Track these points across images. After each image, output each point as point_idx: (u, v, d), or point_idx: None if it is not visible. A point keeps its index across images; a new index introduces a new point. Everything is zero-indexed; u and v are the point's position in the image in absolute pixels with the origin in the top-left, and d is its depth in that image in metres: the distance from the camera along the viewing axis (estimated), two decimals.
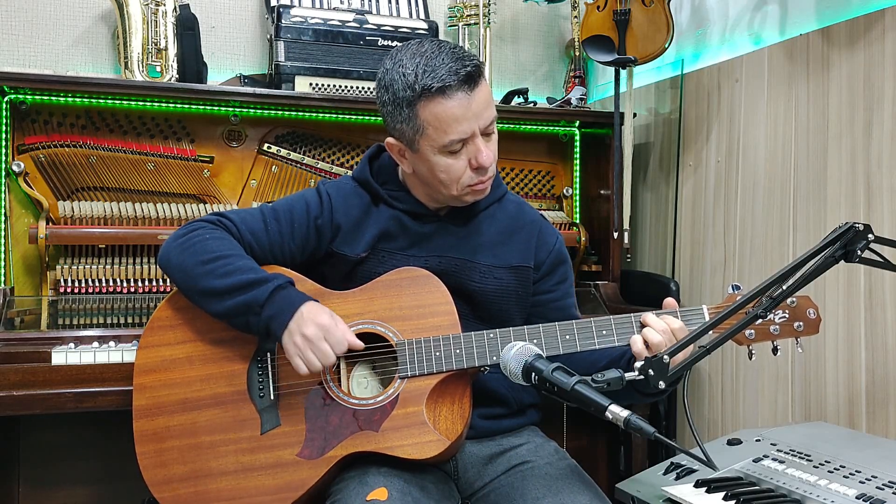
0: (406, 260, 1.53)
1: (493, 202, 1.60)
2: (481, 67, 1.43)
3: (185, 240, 1.48)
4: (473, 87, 1.39)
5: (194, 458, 1.44)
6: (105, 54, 2.48)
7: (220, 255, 1.44)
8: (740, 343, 1.40)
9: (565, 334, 1.41)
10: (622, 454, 2.37)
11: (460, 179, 1.45)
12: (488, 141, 1.45)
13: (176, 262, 1.46)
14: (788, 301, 1.41)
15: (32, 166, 2.08)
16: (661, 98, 2.67)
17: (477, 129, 1.41)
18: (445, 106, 1.38)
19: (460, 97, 1.38)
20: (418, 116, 1.40)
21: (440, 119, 1.39)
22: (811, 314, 1.41)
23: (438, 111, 1.38)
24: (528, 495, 1.40)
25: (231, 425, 1.45)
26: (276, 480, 1.41)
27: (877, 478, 1.40)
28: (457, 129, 1.39)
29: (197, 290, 1.44)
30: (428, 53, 1.40)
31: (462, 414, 1.41)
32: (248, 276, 1.41)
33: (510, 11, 2.94)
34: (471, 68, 1.39)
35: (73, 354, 1.71)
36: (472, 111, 1.39)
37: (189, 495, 1.43)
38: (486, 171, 1.45)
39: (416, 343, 1.43)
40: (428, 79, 1.37)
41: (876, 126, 1.86)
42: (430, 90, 1.37)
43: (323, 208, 1.55)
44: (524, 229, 1.61)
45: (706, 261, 2.43)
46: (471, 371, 1.44)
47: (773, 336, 1.41)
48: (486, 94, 1.42)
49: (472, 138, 1.41)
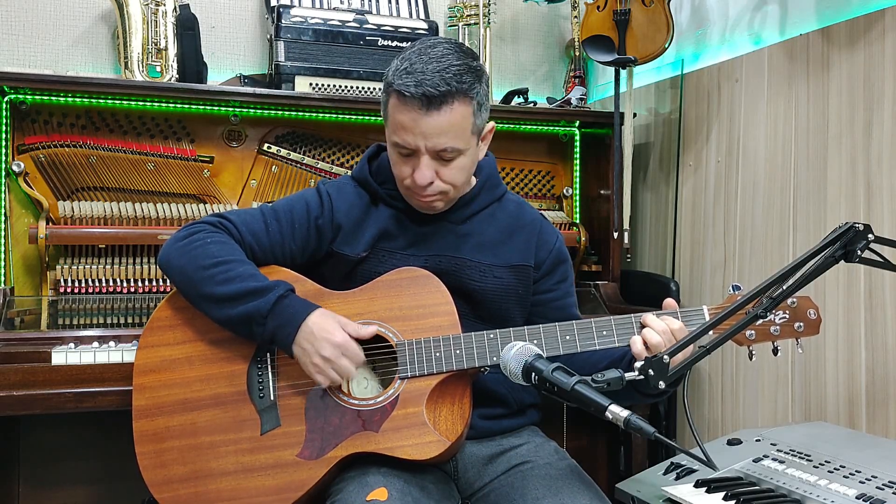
0: (406, 259, 1.53)
1: (493, 202, 1.60)
2: (453, 95, 1.39)
3: (185, 242, 1.47)
4: (430, 109, 1.38)
5: (194, 459, 1.44)
6: (105, 54, 2.48)
7: (221, 260, 1.44)
8: (741, 344, 1.40)
9: (565, 335, 1.41)
10: (622, 454, 2.37)
11: (404, 180, 1.47)
12: (442, 165, 1.44)
13: (176, 264, 1.46)
14: (789, 301, 1.41)
15: (32, 166, 2.08)
16: (661, 98, 2.67)
17: (422, 147, 1.41)
18: (398, 109, 1.41)
19: (413, 110, 1.39)
20: (386, 106, 1.46)
21: (392, 118, 1.43)
22: (811, 315, 1.41)
23: (392, 111, 1.43)
24: (528, 495, 1.40)
25: (231, 426, 1.44)
26: (275, 481, 1.41)
27: (877, 478, 1.40)
28: (401, 135, 1.42)
29: (197, 295, 1.44)
30: (420, 57, 1.41)
31: (462, 414, 1.41)
32: (250, 283, 1.41)
33: (510, 11, 2.94)
34: (437, 91, 1.37)
35: (73, 354, 1.71)
36: (421, 129, 1.40)
37: (189, 496, 1.43)
38: (424, 188, 1.44)
39: (416, 343, 1.43)
40: (398, 77, 1.40)
41: (876, 126, 1.86)
42: (392, 87, 1.41)
43: (323, 208, 1.55)
44: (524, 228, 1.61)
45: (706, 261, 2.43)
46: (471, 372, 1.44)
47: (774, 337, 1.41)
48: (447, 122, 1.39)
49: (416, 153, 1.42)
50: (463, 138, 1.43)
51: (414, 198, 1.49)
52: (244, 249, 1.50)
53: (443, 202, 1.50)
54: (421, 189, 1.45)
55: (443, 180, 1.45)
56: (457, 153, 1.44)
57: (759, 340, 1.40)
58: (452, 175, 1.46)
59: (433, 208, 1.51)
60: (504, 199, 1.63)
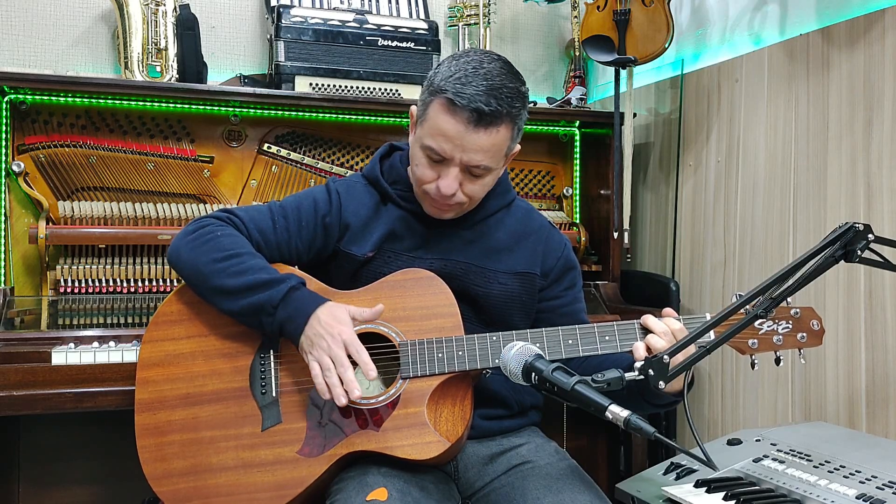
0: (412, 261, 1.53)
1: (502, 207, 1.61)
2: (502, 117, 1.40)
3: (195, 236, 1.48)
4: (478, 126, 1.38)
5: (195, 453, 1.44)
6: (105, 54, 2.48)
7: (233, 252, 1.44)
8: (743, 352, 1.40)
9: (568, 338, 1.41)
10: (622, 454, 2.37)
11: (424, 185, 1.47)
12: (469, 180, 1.45)
13: (187, 258, 1.47)
14: (792, 312, 1.41)
15: (32, 166, 2.08)
16: (661, 98, 2.67)
17: (457, 159, 1.41)
18: (443, 116, 1.40)
19: (460, 122, 1.39)
20: (428, 107, 1.44)
21: (433, 122, 1.42)
22: (815, 326, 1.41)
23: (436, 115, 1.41)
24: (529, 495, 1.40)
25: (232, 421, 1.45)
26: (275, 477, 1.41)
27: (877, 478, 1.40)
28: (439, 142, 1.41)
29: (208, 288, 1.45)
30: (476, 71, 1.40)
31: (463, 416, 1.41)
32: (261, 275, 1.41)
33: (510, 11, 2.94)
34: (488, 109, 1.37)
35: (73, 354, 1.71)
36: (463, 142, 1.40)
37: (188, 490, 1.43)
38: (446, 197, 1.45)
39: (418, 344, 1.43)
40: (451, 85, 1.39)
41: (876, 126, 1.86)
42: (444, 94, 1.40)
43: (332, 206, 1.56)
44: (531, 236, 1.61)
45: (706, 261, 2.43)
46: (473, 373, 1.44)
47: (777, 346, 1.41)
48: (489, 142, 1.40)
49: (449, 161, 1.42)
50: (497, 159, 1.45)
51: (429, 203, 1.50)
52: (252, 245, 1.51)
53: (455, 212, 1.51)
54: (442, 198, 1.46)
55: (464, 192, 1.46)
56: (486, 171, 1.45)
57: (761, 350, 1.40)
58: (475, 190, 1.47)
59: (444, 217, 1.52)
60: (513, 205, 1.63)
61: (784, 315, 1.41)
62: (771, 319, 1.41)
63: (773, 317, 1.41)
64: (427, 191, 1.47)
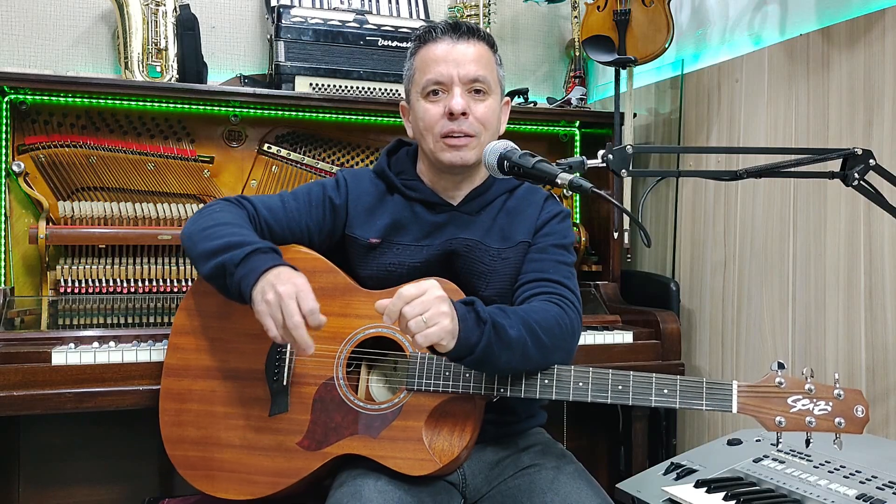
0: (419, 250, 1.54)
1: (505, 192, 1.62)
2: (477, 34, 1.54)
3: (198, 213, 1.54)
4: (460, 37, 1.51)
5: (207, 425, 1.49)
6: (105, 54, 2.48)
7: (222, 222, 1.47)
8: (769, 429, 1.28)
9: (618, 385, 1.34)
10: (622, 454, 2.37)
11: (435, 127, 1.51)
12: (473, 100, 1.51)
13: (186, 231, 1.51)
14: (835, 393, 1.26)
15: (32, 166, 2.08)
16: (661, 98, 2.67)
17: (455, 76, 1.49)
18: (430, 49, 1.52)
19: (445, 42, 1.51)
20: (413, 65, 1.56)
21: (424, 61, 1.53)
22: (859, 412, 1.25)
23: (424, 54, 1.53)
24: (535, 498, 1.40)
25: (244, 401, 1.48)
26: (274, 463, 1.44)
27: (877, 478, 1.40)
28: (435, 69, 1.50)
29: (194, 255, 1.47)
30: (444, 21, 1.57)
31: (462, 440, 1.39)
32: (232, 238, 1.41)
33: (510, 11, 2.94)
34: (465, 28, 1.52)
35: (73, 354, 1.71)
36: (453, 57, 1.50)
37: (197, 459, 1.48)
38: (459, 120, 1.49)
39: (428, 358, 1.41)
40: (424, 31, 1.55)
41: (876, 126, 1.86)
42: (422, 39, 1.54)
43: (339, 191, 1.60)
44: (528, 208, 1.62)
45: (706, 261, 2.43)
46: (478, 399, 1.42)
47: (809, 428, 1.26)
48: (475, 52, 1.51)
49: (450, 85, 1.50)
50: (491, 73, 1.53)
51: (445, 146, 1.51)
52: (260, 225, 1.54)
53: (472, 152, 1.51)
54: (456, 122, 1.49)
55: (475, 117, 1.50)
56: (486, 88, 1.52)
57: (790, 429, 1.27)
58: (483, 113, 1.51)
59: (463, 159, 1.51)
60: (517, 188, 1.64)
61: (825, 395, 1.26)
62: (808, 397, 1.27)
63: (813, 395, 1.27)
64: (440, 131, 1.50)
